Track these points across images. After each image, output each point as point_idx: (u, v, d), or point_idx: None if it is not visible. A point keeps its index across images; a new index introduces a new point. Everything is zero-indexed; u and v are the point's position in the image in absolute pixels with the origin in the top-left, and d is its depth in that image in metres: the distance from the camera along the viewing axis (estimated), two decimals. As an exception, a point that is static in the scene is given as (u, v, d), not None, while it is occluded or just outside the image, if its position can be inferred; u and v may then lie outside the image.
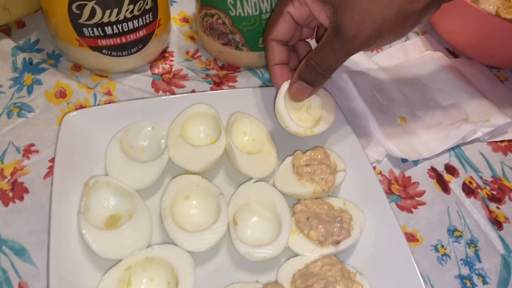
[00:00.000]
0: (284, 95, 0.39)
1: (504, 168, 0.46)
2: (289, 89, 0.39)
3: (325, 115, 0.41)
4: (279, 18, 0.39)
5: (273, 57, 0.40)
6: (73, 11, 0.41)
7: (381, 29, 0.34)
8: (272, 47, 0.40)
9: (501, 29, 0.47)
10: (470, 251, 0.40)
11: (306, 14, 0.38)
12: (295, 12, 0.38)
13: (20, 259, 0.35)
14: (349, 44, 0.34)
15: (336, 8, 0.34)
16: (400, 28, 0.34)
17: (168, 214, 0.35)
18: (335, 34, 0.35)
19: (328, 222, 0.35)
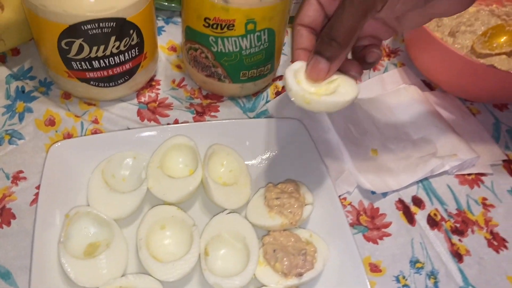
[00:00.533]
0: (295, 71, 0.36)
1: (469, 201, 0.48)
2: (306, 68, 0.36)
3: (342, 91, 0.36)
4: (305, 3, 0.37)
5: (297, 42, 0.38)
6: (62, 46, 0.43)
7: None
8: (298, 31, 0.38)
9: (472, 68, 0.49)
10: (430, 282, 0.42)
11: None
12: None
13: (5, 282, 0.38)
14: (365, 1, 0.32)
15: None
16: None
17: (143, 244, 0.38)
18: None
19: (293, 255, 0.38)
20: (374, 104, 0.53)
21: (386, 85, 0.57)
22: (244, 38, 0.46)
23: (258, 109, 0.53)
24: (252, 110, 0.52)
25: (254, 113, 0.52)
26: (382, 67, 0.60)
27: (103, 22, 0.42)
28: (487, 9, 0.64)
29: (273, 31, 0.46)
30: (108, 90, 0.49)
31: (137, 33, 0.45)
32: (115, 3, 0.41)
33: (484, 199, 0.48)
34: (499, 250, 0.45)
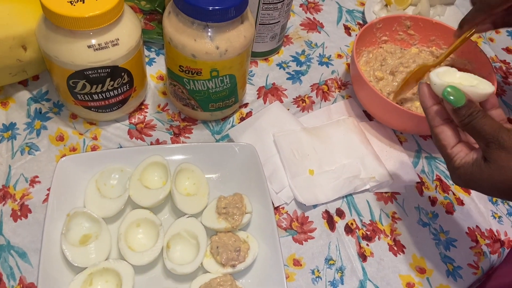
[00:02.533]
0: (438, 72, 0.44)
1: (382, 214, 0.61)
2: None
3: (480, 87, 0.43)
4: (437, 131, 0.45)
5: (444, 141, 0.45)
6: (70, 84, 0.57)
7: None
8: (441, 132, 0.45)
9: (390, 107, 0.62)
10: (338, 275, 0.56)
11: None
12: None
13: (22, 260, 0.53)
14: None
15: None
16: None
17: (123, 237, 0.52)
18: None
19: (230, 251, 0.52)
20: (317, 132, 0.66)
21: (332, 115, 0.70)
22: (210, 81, 0.59)
23: (224, 132, 0.66)
24: (219, 133, 0.66)
25: (220, 136, 0.66)
26: (332, 97, 0.73)
27: (101, 69, 0.55)
28: (428, 50, 0.77)
29: (233, 75, 0.60)
30: (105, 114, 0.63)
31: (128, 74, 0.59)
32: (110, 55, 0.55)
33: (394, 213, 0.61)
34: (397, 254, 0.58)
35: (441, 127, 0.45)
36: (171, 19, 0.55)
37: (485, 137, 0.41)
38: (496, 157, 0.40)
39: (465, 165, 0.43)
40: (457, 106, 0.42)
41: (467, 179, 0.43)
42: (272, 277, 0.51)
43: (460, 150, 0.44)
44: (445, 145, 0.45)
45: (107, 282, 0.50)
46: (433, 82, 0.44)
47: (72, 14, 0.50)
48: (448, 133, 0.45)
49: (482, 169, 0.42)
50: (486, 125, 0.41)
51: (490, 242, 0.60)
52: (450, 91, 0.42)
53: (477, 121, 0.41)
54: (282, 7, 0.68)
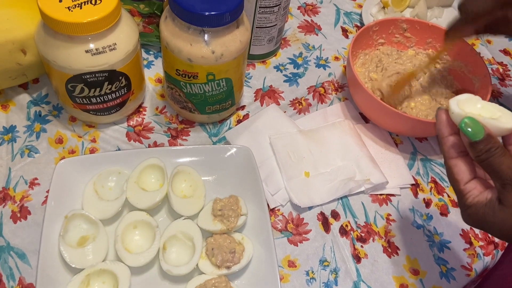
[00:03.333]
0: (458, 100, 0.41)
1: (376, 216, 0.62)
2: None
3: (503, 121, 0.40)
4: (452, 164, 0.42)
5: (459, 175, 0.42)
6: (68, 88, 0.58)
7: None
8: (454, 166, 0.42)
9: (384, 110, 0.63)
10: (332, 277, 0.56)
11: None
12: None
13: (21, 261, 0.54)
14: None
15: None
16: None
17: (119, 239, 0.53)
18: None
19: (225, 252, 0.52)
20: (313, 135, 0.66)
21: (328, 117, 0.71)
22: (206, 85, 0.60)
23: (220, 134, 0.67)
24: (216, 135, 0.67)
25: (217, 138, 0.67)
26: (329, 100, 0.73)
27: (98, 73, 0.56)
28: (424, 53, 0.77)
29: (230, 79, 0.60)
30: (104, 117, 0.64)
31: (125, 78, 0.60)
32: (107, 59, 0.56)
33: (388, 214, 0.62)
34: (391, 255, 0.59)
35: (456, 160, 0.42)
36: (168, 24, 0.56)
37: (502, 177, 0.38)
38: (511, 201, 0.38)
39: (478, 204, 0.40)
40: (474, 140, 0.38)
41: (479, 220, 0.40)
42: (266, 279, 0.52)
43: (474, 187, 0.41)
44: (459, 180, 0.41)
45: (104, 283, 0.51)
46: (452, 110, 0.41)
47: (70, 20, 0.51)
48: (462, 167, 0.41)
49: (495, 211, 0.39)
50: (504, 164, 0.38)
51: (484, 244, 0.61)
52: (468, 123, 0.39)
53: (495, 158, 0.38)
54: (278, 11, 0.68)
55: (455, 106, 0.41)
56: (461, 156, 0.42)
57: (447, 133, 0.42)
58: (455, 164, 0.42)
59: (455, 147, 0.42)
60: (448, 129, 0.42)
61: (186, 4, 0.52)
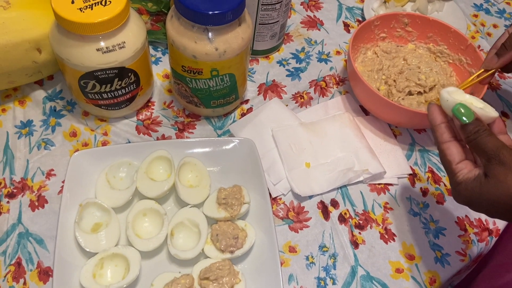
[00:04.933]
0: (449, 91, 0.47)
1: (374, 204, 0.65)
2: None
3: (486, 110, 0.46)
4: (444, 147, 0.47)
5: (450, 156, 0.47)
6: (81, 84, 0.62)
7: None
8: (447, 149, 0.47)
9: (383, 103, 0.65)
10: (330, 261, 0.59)
11: None
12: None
13: (39, 246, 0.58)
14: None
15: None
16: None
17: (130, 225, 0.56)
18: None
19: (229, 238, 0.56)
20: (314, 127, 0.69)
21: (329, 110, 0.73)
22: (211, 80, 0.63)
23: (225, 127, 0.70)
24: (220, 128, 0.70)
25: (222, 131, 0.70)
26: (330, 93, 0.76)
27: (109, 70, 0.60)
28: (425, 47, 0.79)
29: (233, 74, 0.63)
30: (114, 111, 0.67)
31: (134, 74, 0.63)
32: (117, 57, 0.59)
33: (386, 203, 0.65)
34: (388, 242, 0.62)
35: (448, 144, 0.47)
36: (173, 22, 0.59)
37: (487, 153, 0.42)
38: (496, 172, 0.42)
39: (467, 180, 0.44)
40: (465, 123, 0.44)
41: (467, 195, 0.44)
42: (267, 262, 0.55)
43: (464, 167, 0.46)
44: (450, 161, 0.46)
45: (116, 266, 0.55)
46: (445, 99, 0.46)
47: (82, 20, 0.55)
48: (454, 150, 0.46)
49: (482, 184, 0.43)
50: (490, 142, 0.43)
51: (479, 231, 0.64)
52: (460, 108, 0.45)
53: (482, 138, 0.43)
54: (280, 8, 0.71)
55: (447, 95, 0.46)
56: (453, 141, 0.47)
57: (439, 121, 0.48)
58: (447, 147, 0.47)
59: (447, 133, 0.47)
60: (440, 117, 0.48)
61: (191, 3, 0.55)
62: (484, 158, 0.43)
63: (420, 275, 0.59)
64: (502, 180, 0.41)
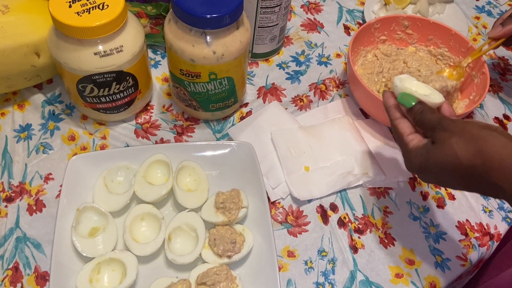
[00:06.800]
0: (401, 78, 0.53)
1: (374, 208, 0.64)
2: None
3: (432, 97, 0.51)
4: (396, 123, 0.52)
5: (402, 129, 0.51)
6: (79, 88, 0.62)
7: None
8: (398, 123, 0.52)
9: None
10: (329, 266, 0.59)
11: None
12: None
13: (37, 251, 0.57)
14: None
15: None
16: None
17: (128, 230, 0.56)
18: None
19: (227, 243, 0.55)
20: (313, 131, 0.69)
21: (328, 113, 0.73)
22: (209, 83, 0.63)
23: (224, 130, 0.70)
24: (219, 132, 0.70)
25: (221, 134, 0.69)
26: (330, 96, 0.75)
27: (107, 73, 0.59)
28: (426, 49, 0.79)
29: (231, 78, 0.63)
30: (113, 115, 0.67)
31: (132, 78, 0.63)
32: (115, 61, 0.59)
33: (386, 207, 0.64)
34: (388, 246, 0.61)
35: (399, 120, 0.52)
36: (171, 26, 0.59)
37: (433, 124, 0.47)
38: (440, 137, 0.46)
39: (416, 148, 0.48)
40: (410, 107, 0.50)
41: (417, 162, 0.48)
42: (265, 267, 0.55)
43: (414, 137, 0.50)
44: (402, 133, 0.51)
45: (114, 271, 0.54)
46: (395, 84, 0.52)
47: (79, 24, 0.54)
48: (405, 124, 0.51)
49: (429, 150, 0.47)
50: (433, 116, 0.48)
51: (480, 235, 0.63)
52: (403, 96, 0.51)
53: (426, 115, 0.48)
54: (279, 11, 0.71)
55: (398, 81, 0.52)
56: (403, 118, 0.52)
57: (391, 103, 0.53)
58: (399, 122, 0.52)
59: (398, 112, 0.52)
60: (392, 100, 0.53)
61: (188, 7, 0.55)
62: (430, 130, 0.48)
63: (420, 280, 0.58)
64: (446, 143, 0.45)
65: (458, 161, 0.44)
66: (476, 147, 0.43)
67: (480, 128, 0.44)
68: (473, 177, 0.44)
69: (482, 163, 0.42)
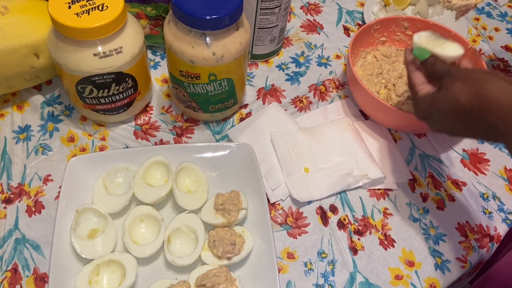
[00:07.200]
0: (420, 35, 0.56)
1: (374, 210, 0.64)
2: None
3: (449, 49, 0.54)
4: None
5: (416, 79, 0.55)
6: (78, 89, 0.61)
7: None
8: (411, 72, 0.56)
9: (383, 107, 0.65)
10: (329, 268, 0.59)
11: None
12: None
13: (36, 252, 0.57)
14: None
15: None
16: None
17: (127, 231, 0.56)
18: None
19: (226, 244, 0.55)
20: (312, 132, 0.69)
21: (328, 114, 0.73)
22: (209, 85, 0.63)
23: (224, 132, 0.70)
24: (219, 133, 0.70)
25: (220, 136, 0.69)
26: (329, 97, 0.75)
27: (106, 75, 0.59)
28: (425, 50, 0.79)
29: (231, 79, 0.63)
30: (112, 116, 0.67)
31: (132, 79, 0.63)
32: (114, 62, 0.59)
33: (385, 209, 0.64)
34: (387, 248, 0.61)
35: (415, 72, 0.55)
36: (171, 27, 0.59)
37: (441, 74, 0.50)
38: (445, 84, 0.48)
39: (425, 96, 0.51)
40: (423, 59, 0.53)
41: (424, 108, 0.51)
42: (265, 269, 0.55)
43: (425, 87, 0.53)
44: (414, 84, 0.54)
45: (113, 273, 0.54)
46: (414, 41, 0.56)
47: (79, 25, 0.54)
48: (419, 75, 0.54)
49: (434, 96, 0.50)
50: (444, 66, 0.51)
51: (479, 237, 0.63)
52: (418, 50, 0.54)
53: (438, 66, 0.51)
54: (279, 12, 0.71)
55: (416, 38, 0.56)
56: (419, 69, 0.55)
57: (410, 58, 0.56)
58: (414, 74, 0.55)
59: (414, 65, 0.56)
60: (411, 56, 0.56)
61: (188, 8, 0.55)
62: (439, 79, 0.50)
63: (420, 282, 0.58)
64: (450, 88, 0.47)
65: (458, 104, 0.45)
66: (476, 90, 0.44)
67: (482, 73, 0.46)
68: (472, 119, 0.45)
69: (480, 105, 0.44)
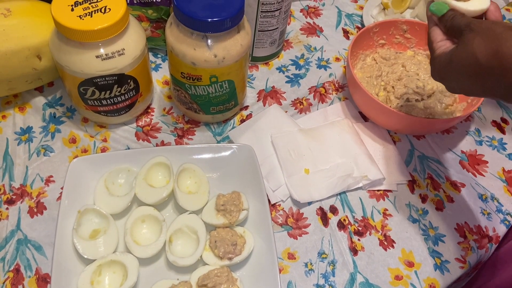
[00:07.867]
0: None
1: (374, 210, 0.64)
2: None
3: (475, 4, 0.50)
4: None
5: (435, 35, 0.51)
6: (80, 91, 0.62)
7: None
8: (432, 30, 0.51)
9: (382, 109, 0.65)
10: (329, 268, 0.59)
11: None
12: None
13: (38, 253, 0.58)
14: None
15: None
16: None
17: (129, 232, 0.56)
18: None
19: (227, 245, 0.56)
20: (313, 133, 0.69)
21: (328, 116, 0.73)
22: (210, 86, 0.63)
23: (225, 133, 0.70)
24: (220, 134, 0.70)
25: (221, 137, 0.70)
26: (329, 99, 0.76)
27: (108, 76, 0.60)
28: (424, 53, 0.80)
29: (232, 81, 0.64)
30: (114, 117, 0.67)
31: (134, 81, 0.63)
32: (116, 64, 0.59)
33: (385, 209, 0.65)
34: (387, 248, 0.61)
35: (433, 28, 0.51)
36: (173, 29, 0.59)
37: (461, 28, 0.46)
38: (464, 39, 0.45)
39: (442, 54, 0.48)
40: (441, 15, 0.49)
41: (441, 68, 0.48)
42: (266, 269, 0.55)
43: (444, 44, 0.49)
44: (432, 41, 0.50)
45: (114, 273, 0.55)
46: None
47: (81, 28, 0.55)
48: (437, 31, 0.51)
49: (452, 54, 0.46)
50: (463, 20, 0.47)
51: (478, 238, 0.63)
52: (434, 5, 0.50)
53: (456, 19, 0.47)
54: (279, 15, 0.71)
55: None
56: (437, 26, 0.51)
57: (430, 13, 0.52)
58: (432, 30, 0.51)
59: (432, 21, 0.52)
60: (430, 13, 0.52)
61: (189, 11, 0.55)
62: (459, 34, 0.46)
63: (419, 282, 0.59)
64: (469, 44, 0.44)
65: (476, 61, 0.43)
66: (495, 47, 0.41)
67: (505, 28, 0.42)
68: (491, 79, 0.43)
69: (499, 64, 0.41)
